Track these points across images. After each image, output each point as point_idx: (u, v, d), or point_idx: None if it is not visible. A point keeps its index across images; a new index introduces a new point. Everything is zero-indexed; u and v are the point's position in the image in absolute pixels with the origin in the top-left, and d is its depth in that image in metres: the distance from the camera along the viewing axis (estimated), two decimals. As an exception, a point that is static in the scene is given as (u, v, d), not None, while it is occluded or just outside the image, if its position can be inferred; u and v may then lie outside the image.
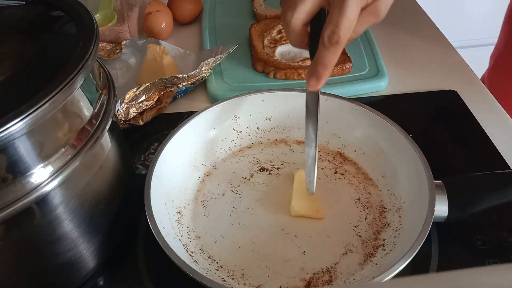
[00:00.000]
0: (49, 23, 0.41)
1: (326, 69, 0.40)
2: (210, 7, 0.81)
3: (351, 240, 0.44)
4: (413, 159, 0.45)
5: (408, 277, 0.19)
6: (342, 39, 0.38)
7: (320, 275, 0.41)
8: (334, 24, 0.38)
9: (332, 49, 0.39)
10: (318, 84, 0.41)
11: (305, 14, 0.40)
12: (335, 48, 0.39)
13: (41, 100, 0.31)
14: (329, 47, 0.39)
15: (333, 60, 0.39)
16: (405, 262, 0.37)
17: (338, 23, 0.37)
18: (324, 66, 0.40)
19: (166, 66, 0.63)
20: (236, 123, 0.54)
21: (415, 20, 0.80)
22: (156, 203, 0.42)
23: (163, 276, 0.43)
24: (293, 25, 0.40)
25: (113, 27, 0.71)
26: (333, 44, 0.38)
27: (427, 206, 0.40)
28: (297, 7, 0.39)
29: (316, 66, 0.40)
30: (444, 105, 0.61)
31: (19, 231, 0.34)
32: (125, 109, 0.56)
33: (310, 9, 0.40)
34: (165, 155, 0.47)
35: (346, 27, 0.38)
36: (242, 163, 0.52)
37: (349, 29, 0.38)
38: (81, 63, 0.34)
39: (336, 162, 0.52)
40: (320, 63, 0.40)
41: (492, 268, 0.20)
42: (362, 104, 0.51)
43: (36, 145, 0.32)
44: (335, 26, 0.38)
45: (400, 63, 0.69)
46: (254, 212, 0.47)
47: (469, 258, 0.43)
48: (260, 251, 0.44)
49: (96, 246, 0.41)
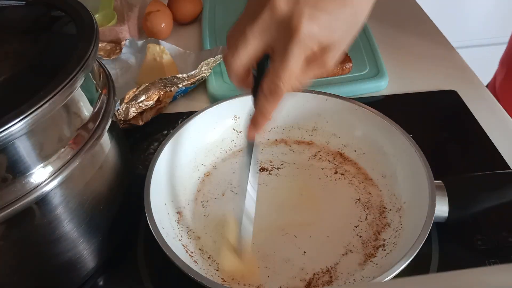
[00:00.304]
0: (49, 23, 0.41)
1: (265, 118, 0.39)
2: (210, 7, 0.81)
3: (351, 240, 0.44)
4: (413, 159, 0.45)
5: (408, 277, 0.19)
6: (282, 90, 0.36)
7: (320, 276, 0.41)
8: (275, 75, 0.36)
9: (271, 100, 0.37)
10: (256, 132, 0.40)
11: (246, 58, 0.37)
12: (274, 99, 0.37)
13: (41, 100, 0.31)
14: (268, 97, 0.37)
15: (272, 109, 0.38)
16: (405, 262, 0.37)
17: (279, 73, 0.36)
18: (263, 115, 0.39)
19: (166, 66, 0.63)
20: (236, 123, 0.54)
21: (415, 20, 0.79)
22: (156, 203, 0.42)
23: (163, 276, 0.43)
24: (233, 67, 0.38)
25: (113, 27, 0.71)
26: (272, 94, 0.37)
27: (427, 206, 0.40)
28: (239, 50, 0.37)
29: (256, 115, 0.39)
30: (444, 105, 0.61)
31: (19, 231, 0.34)
32: (125, 109, 0.56)
33: (252, 54, 0.37)
34: (165, 155, 0.47)
35: (286, 78, 0.36)
36: (242, 163, 0.52)
37: (290, 80, 0.36)
38: (81, 63, 0.34)
39: (336, 162, 0.52)
40: (259, 112, 0.39)
41: (492, 268, 0.20)
42: (362, 104, 0.51)
43: (36, 145, 0.32)
44: (275, 77, 0.36)
45: (400, 63, 0.69)
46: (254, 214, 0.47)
47: (469, 258, 0.43)
48: (260, 251, 0.43)
49: (96, 246, 0.41)
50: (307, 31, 0.34)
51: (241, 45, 0.36)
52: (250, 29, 0.36)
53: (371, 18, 0.75)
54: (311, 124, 0.54)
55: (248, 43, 0.36)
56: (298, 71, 0.36)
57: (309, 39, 0.35)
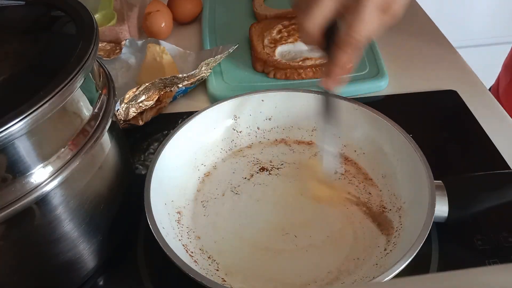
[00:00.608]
0: (49, 23, 0.41)
1: (341, 69, 0.41)
2: (210, 7, 0.81)
3: (351, 240, 0.44)
4: (413, 159, 0.45)
5: (408, 277, 0.19)
6: (359, 41, 0.38)
7: (320, 275, 0.41)
8: (350, 28, 0.38)
9: (348, 51, 0.39)
10: (335, 84, 0.42)
11: (320, 19, 0.40)
12: (351, 50, 0.39)
13: (41, 100, 0.31)
14: (345, 49, 0.39)
15: (348, 60, 0.40)
16: (405, 262, 0.37)
17: (355, 26, 0.38)
18: (339, 67, 0.40)
19: (166, 66, 0.63)
20: (236, 123, 0.54)
21: (415, 20, 0.79)
22: (156, 203, 0.42)
23: (163, 276, 0.43)
24: (308, 29, 0.40)
25: (113, 27, 0.71)
26: (349, 46, 0.39)
27: (427, 206, 0.40)
28: (313, 12, 0.39)
29: (333, 67, 0.41)
30: (444, 105, 0.61)
31: (19, 231, 0.34)
32: (125, 109, 0.56)
33: (325, 14, 0.39)
34: (165, 155, 0.47)
35: (362, 30, 0.38)
36: (242, 163, 0.52)
37: (366, 32, 0.38)
38: (81, 63, 0.34)
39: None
40: (336, 65, 0.40)
41: (492, 268, 0.20)
42: (362, 104, 0.51)
43: (36, 145, 0.32)
44: (351, 30, 0.38)
45: (400, 63, 0.69)
46: (254, 212, 0.47)
47: (469, 258, 0.43)
48: (260, 251, 0.43)
49: (96, 246, 0.41)
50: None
51: (316, 6, 0.39)
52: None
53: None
54: (311, 124, 0.54)
55: (322, 3, 0.39)
56: (372, 23, 0.38)
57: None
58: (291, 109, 0.54)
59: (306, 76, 0.63)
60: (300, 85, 0.62)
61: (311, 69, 0.63)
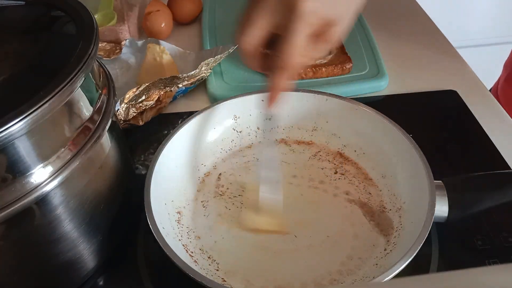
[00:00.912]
0: (49, 23, 0.41)
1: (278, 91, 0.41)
2: (210, 7, 0.81)
3: (351, 240, 0.44)
4: (413, 159, 0.45)
5: (408, 277, 0.19)
6: (290, 65, 0.39)
7: (320, 275, 0.41)
8: (283, 51, 0.38)
9: (282, 75, 0.40)
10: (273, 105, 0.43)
11: (254, 39, 0.40)
12: (285, 74, 0.40)
13: (41, 100, 0.31)
14: (279, 73, 0.40)
15: (284, 84, 0.41)
16: (405, 262, 0.37)
17: (286, 50, 0.38)
18: (276, 90, 0.41)
19: (166, 66, 0.63)
20: (236, 123, 0.54)
21: (415, 20, 0.79)
22: (156, 203, 0.42)
23: (163, 276, 0.43)
24: (244, 48, 0.41)
25: (113, 27, 0.71)
26: (282, 69, 0.39)
27: (427, 206, 0.40)
28: (246, 31, 0.40)
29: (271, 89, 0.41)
30: (444, 105, 0.61)
31: (19, 231, 0.34)
32: (125, 109, 0.56)
33: (259, 35, 0.40)
34: (165, 155, 0.47)
35: (294, 54, 0.38)
36: (242, 163, 0.52)
37: (297, 56, 0.39)
38: (81, 63, 0.34)
39: (336, 162, 0.52)
40: (273, 87, 0.41)
41: (492, 268, 0.20)
42: (362, 104, 0.51)
43: (36, 145, 0.32)
44: (283, 53, 0.38)
45: (400, 63, 0.69)
46: (254, 212, 0.47)
47: (469, 258, 0.43)
48: (260, 251, 0.43)
49: (96, 246, 0.41)
50: (309, 8, 0.37)
51: (250, 26, 0.39)
52: (257, 10, 0.39)
53: (371, 18, 0.75)
54: (311, 124, 0.54)
55: (256, 23, 0.39)
56: (304, 46, 0.38)
57: (312, 15, 0.37)
58: (291, 109, 0.54)
59: (306, 76, 0.63)
60: (300, 85, 0.62)
61: (311, 69, 0.63)
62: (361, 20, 0.75)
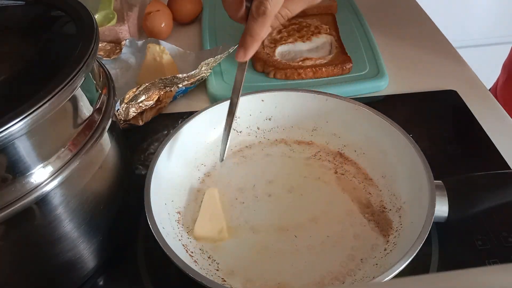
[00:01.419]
0: (49, 23, 0.41)
1: (254, 40, 0.40)
2: (210, 7, 0.81)
3: (351, 240, 0.44)
4: (413, 159, 0.45)
5: (408, 277, 0.19)
6: (269, 10, 0.38)
7: (320, 275, 0.41)
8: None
9: (259, 20, 0.39)
10: (245, 55, 0.42)
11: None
12: (263, 19, 0.39)
13: (41, 100, 0.31)
14: (257, 18, 0.39)
15: (260, 32, 0.40)
16: (405, 262, 0.37)
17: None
18: (252, 37, 0.40)
19: (166, 66, 0.63)
20: (236, 123, 0.54)
21: (415, 20, 0.80)
22: (156, 203, 0.42)
23: (163, 276, 0.43)
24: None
25: (113, 27, 0.71)
26: (260, 15, 0.39)
27: (427, 206, 0.40)
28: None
29: (245, 36, 0.41)
30: (444, 105, 0.61)
31: (19, 231, 0.34)
32: (125, 109, 0.56)
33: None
34: (165, 155, 0.47)
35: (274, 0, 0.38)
36: (242, 163, 0.52)
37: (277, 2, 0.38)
38: (81, 63, 0.34)
39: (336, 162, 0.52)
40: (248, 34, 0.40)
41: (492, 268, 0.20)
42: (362, 104, 0.51)
43: (36, 145, 0.32)
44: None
45: (400, 63, 0.69)
46: (254, 212, 0.47)
47: (469, 258, 0.43)
48: (259, 251, 0.43)
49: (96, 246, 0.41)
50: None
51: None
52: None
53: (371, 18, 0.75)
54: (311, 124, 0.54)
55: None
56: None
57: None
58: (291, 109, 0.54)
59: (306, 76, 0.63)
60: (300, 85, 0.62)
61: (311, 69, 0.63)
62: (361, 20, 0.75)
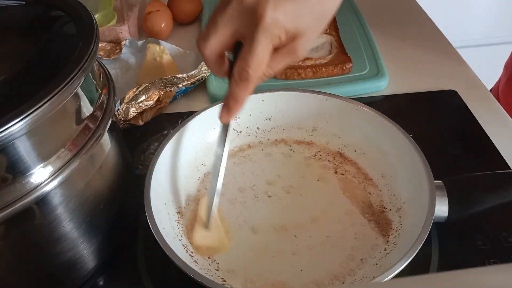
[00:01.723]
0: (49, 23, 0.41)
1: (237, 103, 0.39)
2: (210, 7, 0.81)
3: (351, 240, 0.44)
4: (413, 159, 0.45)
5: (408, 277, 0.19)
6: (252, 76, 0.37)
7: (320, 275, 0.41)
8: (243, 61, 0.37)
9: (242, 85, 0.38)
10: (228, 116, 0.41)
11: (217, 45, 0.38)
12: (245, 85, 0.38)
13: (41, 100, 0.31)
14: (239, 83, 0.38)
15: (244, 95, 0.39)
16: (405, 262, 0.37)
17: (247, 60, 0.37)
18: (235, 100, 0.39)
19: (166, 66, 0.63)
20: (236, 123, 0.54)
21: (415, 20, 0.80)
22: (156, 203, 0.42)
23: (163, 276, 0.43)
24: (205, 54, 0.39)
25: (113, 27, 0.71)
26: (242, 80, 0.37)
27: (427, 206, 0.40)
28: (209, 37, 0.38)
29: (228, 99, 0.40)
30: (444, 105, 0.61)
31: (19, 231, 0.34)
32: (125, 109, 0.56)
33: (221, 41, 0.38)
34: (165, 155, 0.47)
35: (255, 65, 0.37)
36: (242, 163, 0.52)
37: (259, 67, 0.37)
38: (81, 63, 0.34)
39: (336, 162, 0.52)
40: (231, 96, 0.39)
41: (492, 268, 0.20)
42: (362, 104, 0.51)
43: (36, 145, 0.32)
44: (244, 63, 0.37)
45: (400, 63, 0.69)
46: (254, 212, 0.47)
47: (469, 258, 0.43)
48: (259, 251, 0.43)
49: (96, 246, 0.41)
50: (272, 19, 0.35)
51: (211, 32, 0.38)
52: (220, 17, 0.37)
53: (371, 18, 0.74)
54: (311, 124, 0.54)
55: (217, 30, 0.38)
56: (267, 58, 0.37)
57: (275, 26, 0.36)
58: (291, 109, 0.54)
59: (306, 76, 0.63)
60: (300, 85, 0.62)
61: (311, 69, 0.63)
62: (361, 20, 0.75)
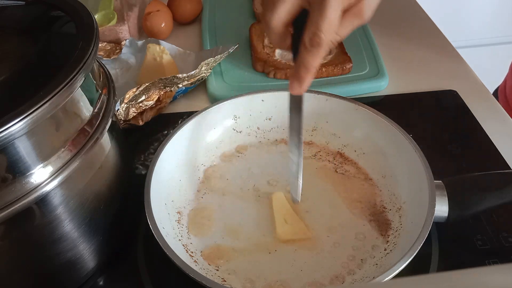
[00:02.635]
0: (49, 23, 0.41)
1: (308, 72, 0.39)
2: (210, 7, 0.81)
3: (351, 240, 0.44)
4: (413, 159, 0.45)
5: (408, 277, 0.19)
6: (324, 41, 0.37)
7: (320, 275, 0.41)
8: (315, 26, 0.36)
9: (314, 52, 0.37)
10: (301, 87, 0.40)
11: (284, 15, 0.38)
12: (317, 51, 0.37)
13: (41, 100, 0.31)
14: (311, 50, 0.37)
15: (315, 62, 0.38)
16: (405, 262, 0.37)
17: (319, 25, 0.36)
18: (306, 69, 0.38)
19: (166, 66, 0.63)
20: (236, 123, 0.54)
21: (415, 20, 0.80)
22: (156, 203, 0.42)
23: (163, 276, 0.43)
24: (273, 26, 0.39)
25: (113, 27, 0.71)
26: (314, 46, 0.37)
27: (427, 206, 0.40)
28: (276, 7, 0.38)
29: (299, 69, 0.39)
30: (444, 105, 0.61)
31: (19, 231, 0.34)
32: (125, 109, 0.56)
33: (289, 10, 0.38)
34: (165, 155, 0.47)
35: (327, 29, 0.36)
36: (242, 163, 0.52)
37: (331, 31, 0.37)
38: (81, 63, 0.34)
39: (336, 162, 0.52)
40: (302, 66, 0.38)
41: (492, 268, 0.20)
42: (362, 104, 0.51)
43: (36, 145, 0.32)
44: (316, 28, 0.36)
45: (400, 63, 0.69)
46: (254, 212, 0.47)
47: (469, 258, 0.43)
48: (260, 251, 0.43)
49: (96, 246, 0.41)
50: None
51: (279, 1, 0.37)
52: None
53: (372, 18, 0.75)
54: (311, 124, 0.54)
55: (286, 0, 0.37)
56: (338, 20, 0.37)
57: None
58: (291, 109, 0.54)
59: (306, 76, 0.63)
60: (300, 85, 0.62)
61: (311, 69, 0.63)
62: (361, 20, 0.75)
